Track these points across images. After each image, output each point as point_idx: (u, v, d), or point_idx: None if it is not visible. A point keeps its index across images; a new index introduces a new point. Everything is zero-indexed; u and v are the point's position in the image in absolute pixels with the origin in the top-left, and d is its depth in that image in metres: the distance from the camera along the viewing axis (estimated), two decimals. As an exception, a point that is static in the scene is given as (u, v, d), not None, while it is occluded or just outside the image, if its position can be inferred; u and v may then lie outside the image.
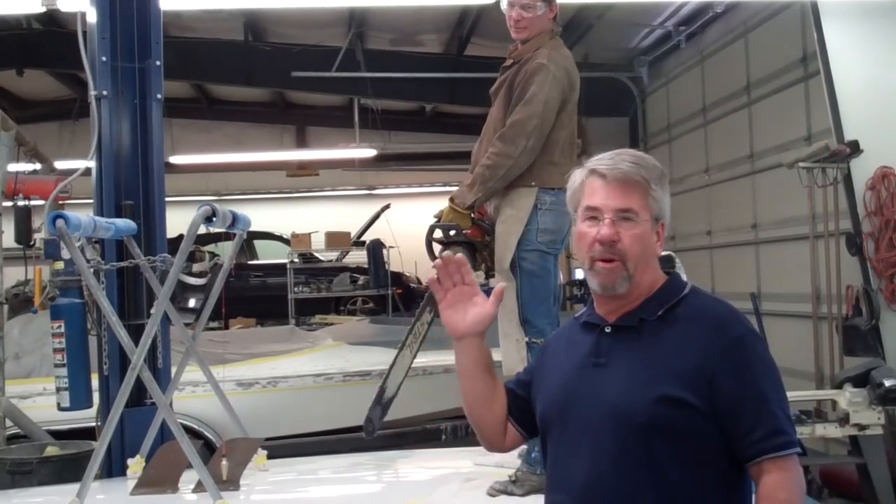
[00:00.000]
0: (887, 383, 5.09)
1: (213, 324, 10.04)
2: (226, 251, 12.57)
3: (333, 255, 14.15)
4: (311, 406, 6.15)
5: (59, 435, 5.00)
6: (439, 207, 3.85)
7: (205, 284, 11.09)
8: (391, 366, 4.06)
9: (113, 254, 4.23)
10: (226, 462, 3.60)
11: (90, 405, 4.23)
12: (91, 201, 4.38)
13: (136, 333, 3.76)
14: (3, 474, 4.26)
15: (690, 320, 1.94)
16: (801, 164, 6.46)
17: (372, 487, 4.34)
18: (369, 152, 13.12)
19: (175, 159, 12.51)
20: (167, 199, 4.48)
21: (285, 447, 5.07)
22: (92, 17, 4.38)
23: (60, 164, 8.45)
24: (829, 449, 6.47)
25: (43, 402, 5.21)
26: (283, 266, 13.08)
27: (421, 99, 13.19)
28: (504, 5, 3.76)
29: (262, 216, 12.41)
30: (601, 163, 2.00)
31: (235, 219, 3.73)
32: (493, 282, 3.76)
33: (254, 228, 4.51)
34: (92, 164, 4.37)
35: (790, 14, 7.55)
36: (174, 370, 4.15)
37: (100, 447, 3.45)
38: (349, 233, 13.71)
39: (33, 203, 6.79)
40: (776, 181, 7.67)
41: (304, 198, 17.24)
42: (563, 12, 3.82)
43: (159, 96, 4.43)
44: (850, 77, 6.48)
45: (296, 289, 12.86)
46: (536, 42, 3.71)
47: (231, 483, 3.54)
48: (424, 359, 5.76)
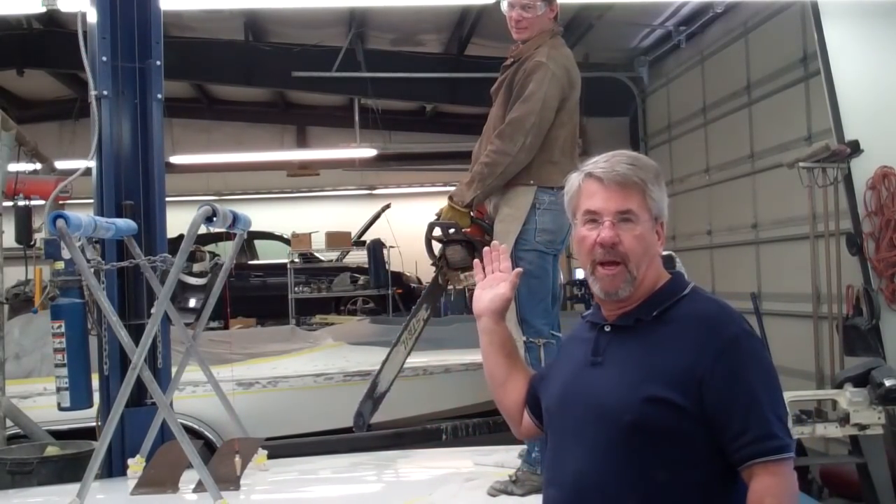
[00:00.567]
0: (888, 383, 5.09)
1: (214, 324, 10.05)
2: (226, 251, 12.58)
3: (334, 255, 14.16)
4: (312, 406, 6.15)
5: (60, 435, 5.01)
6: (439, 207, 3.85)
7: (205, 284, 11.10)
8: (384, 361, 4.06)
9: (113, 254, 4.24)
10: (227, 462, 3.61)
11: (90, 405, 4.24)
12: (91, 201, 4.39)
13: (137, 333, 3.77)
14: (4, 474, 4.27)
15: (685, 321, 1.94)
16: (802, 164, 6.45)
17: (372, 487, 4.35)
18: (370, 152, 13.12)
19: (175, 159, 12.51)
20: (167, 199, 4.49)
21: (286, 447, 5.07)
22: (92, 17, 4.38)
23: (61, 164, 8.45)
24: (830, 449, 6.47)
25: (43, 402, 5.22)
26: (284, 266, 13.10)
27: (421, 99, 13.18)
28: (504, 6, 3.77)
29: (263, 216, 12.42)
30: (597, 166, 2.00)
31: (236, 219, 3.73)
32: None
33: (254, 228, 4.52)
34: (92, 164, 4.38)
35: (790, 14, 7.54)
36: (174, 370, 4.15)
37: (100, 447, 3.45)
38: (349, 233, 13.72)
39: (34, 203, 6.79)
40: (776, 181, 7.67)
41: (305, 198, 17.24)
42: (564, 12, 3.82)
43: (160, 96, 4.43)
44: (851, 77, 6.48)
45: (296, 289, 12.87)
46: (537, 41, 3.71)
47: (231, 483, 3.54)
48: (424, 359, 5.79)
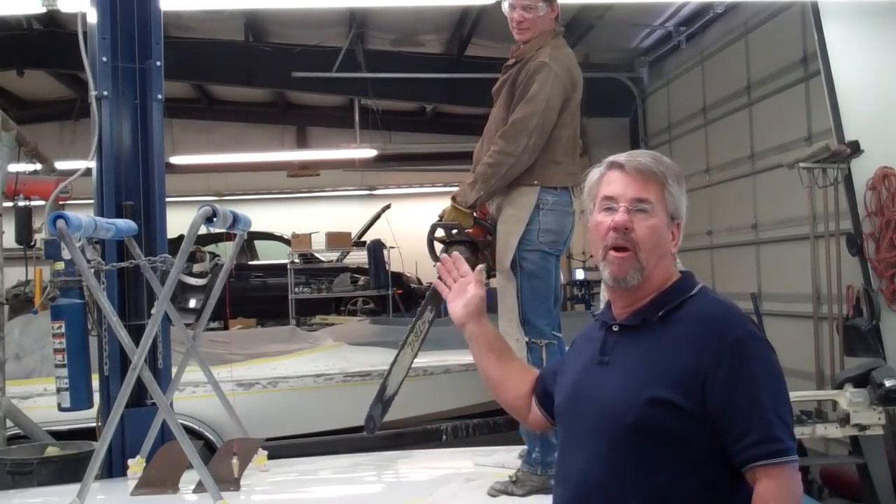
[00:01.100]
0: (888, 383, 5.09)
1: (214, 324, 10.04)
2: (226, 251, 12.58)
3: (334, 256, 14.16)
4: (312, 406, 6.15)
5: (60, 435, 5.01)
6: (440, 208, 3.85)
7: (205, 285, 11.09)
8: (392, 364, 4.06)
9: (113, 254, 4.24)
10: (227, 462, 3.61)
11: (90, 405, 4.23)
12: (91, 202, 4.39)
13: (137, 334, 3.76)
14: (4, 475, 4.27)
15: (691, 322, 1.93)
16: (802, 165, 6.45)
17: (372, 488, 4.34)
18: (370, 152, 13.13)
19: (175, 159, 12.52)
20: (168, 200, 4.48)
21: (286, 447, 5.07)
22: (92, 18, 4.38)
23: (61, 165, 8.45)
24: (830, 449, 6.47)
25: (43, 403, 5.22)
26: (284, 266, 13.10)
27: (421, 99, 13.19)
28: (506, 7, 3.76)
29: (263, 216, 12.42)
30: (619, 157, 2.04)
31: (236, 219, 3.73)
32: (494, 281, 3.76)
33: (254, 229, 4.51)
34: (92, 165, 4.38)
35: (790, 14, 7.55)
36: (174, 370, 4.15)
37: (100, 447, 3.45)
38: (350, 233, 13.72)
39: (34, 203, 6.80)
40: (777, 181, 7.67)
41: (305, 198, 17.25)
42: (564, 13, 3.82)
43: (160, 96, 4.43)
44: (851, 77, 6.48)
45: (296, 289, 12.86)
46: (539, 42, 3.71)
47: (232, 483, 3.54)
48: (425, 359, 5.77)
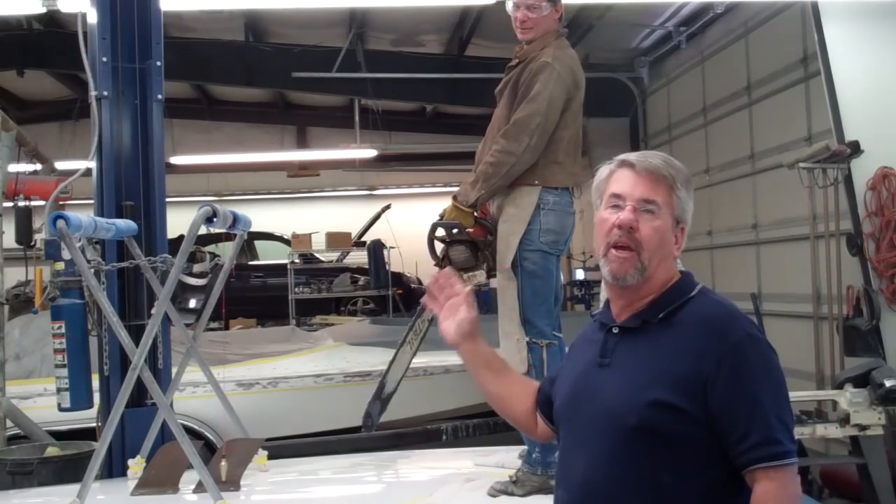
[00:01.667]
0: (888, 383, 5.09)
1: (214, 324, 10.04)
2: (226, 252, 12.58)
3: (334, 256, 14.17)
4: (312, 406, 6.15)
5: (60, 435, 5.00)
6: (440, 208, 3.85)
7: (205, 285, 11.09)
8: (391, 361, 4.06)
9: (113, 254, 4.24)
10: (225, 463, 3.60)
11: (91, 406, 4.23)
12: (92, 202, 4.38)
13: (137, 334, 3.76)
14: (4, 475, 4.26)
15: (691, 324, 1.93)
16: (802, 165, 6.45)
17: (372, 488, 4.34)
18: (370, 153, 13.13)
19: (175, 160, 12.53)
20: (168, 200, 4.48)
21: (286, 448, 5.07)
22: (92, 18, 4.38)
23: (61, 165, 8.45)
24: (830, 449, 6.47)
25: (43, 403, 5.21)
26: (284, 266, 13.11)
27: (421, 99, 13.19)
28: (509, 6, 3.76)
29: (263, 217, 12.43)
30: (631, 156, 2.04)
31: (236, 219, 3.73)
32: (495, 281, 3.77)
33: (254, 229, 4.51)
34: (92, 165, 4.38)
35: (790, 14, 7.55)
36: (175, 370, 4.15)
37: (100, 448, 3.45)
38: (350, 233, 13.72)
39: (34, 203, 6.79)
40: (777, 181, 7.67)
41: (305, 198, 17.25)
42: (564, 13, 3.81)
43: (160, 97, 4.43)
44: (851, 77, 6.48)
45: (296, 289, 12.87)
46: (542, 42, 3.71)
47: (231, 483, 3.54)
48: (425, 359, 5.78)
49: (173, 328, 4.35)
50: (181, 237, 3.65)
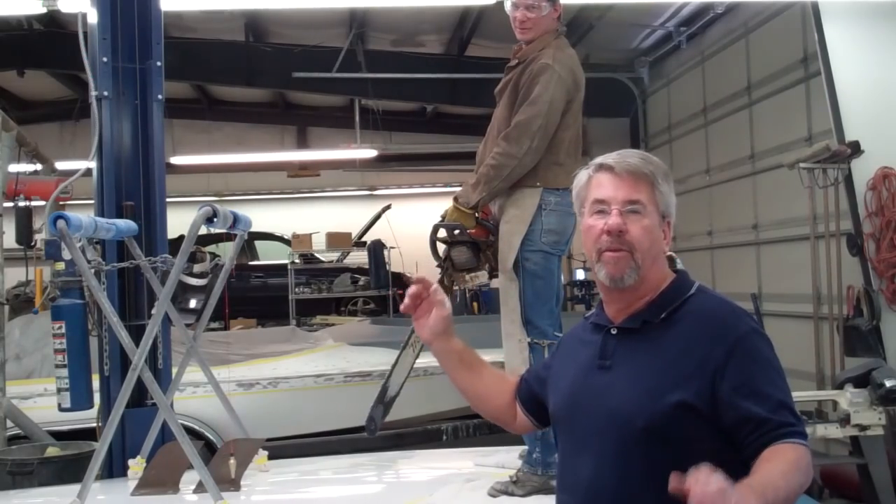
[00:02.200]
0: (888, 384, 5.09)
1: (214, 324, 10.04)
2: (227, 252, 12.58)
3: (334, 256, 14.16)
4: (312, 407, 6.15)
5: (60, 436, 5.01)
6: (440, 208, 3.85)
7: (206, 285, 11.08)
8: (394, 364, 4.05)
9: (114, 254, 4.24)
10: (227, 462, 3.60)
11: (91, 406, 4.23)
12: (92, 202, 4.39)
13: (137, 334, 3.76)
14: (4, 475, 4.26)
15: (693, 323, 1.93)
16: (802, 165, 6.45)
17: (373, 488, 4.34)
18: (370, 153, 13.13)
19: (176, 160, 12.53)
20: (168, 200, 4.48)
21: (286, 448, 5.07)
22: (93, 18, 4.38)
23: (61, 165, 8.46)
24: (830, 449, 6.47)
25: (44, 403, 5.21)
26: (284, 267, 13.11)
27: (422, 99, 13.18)
28: (508, 6, 3.76)
29: (263, 217, 12.42)
30: (608, 158, 2.02)
31: (236, 219, 3.72)
32: (497, 282, 3.77)
33: (255, 229, 4.51)
34: (93, 165, 4.38)
35: (791, 15, 7.54)
36: (175, 371, 4.15)
37: (101, 448, 3.44)
38: (350, 233, 13.72)
39: (34, 204, 6.81)
40: (777, 182, 7.67)
41: (305, 198, 17.24)
42: (565, 13, 3.81)
43: (160, 97, 4.43)
44: (851, 77, 6.48)
45: (297, 289, 12.87)
46: (541, 42, 3.70)
47: (232, 483, 3.54)
48: (425, 359, 5.76)
49: (173, 328, 4.34)
50: (181, 237, 3.65)
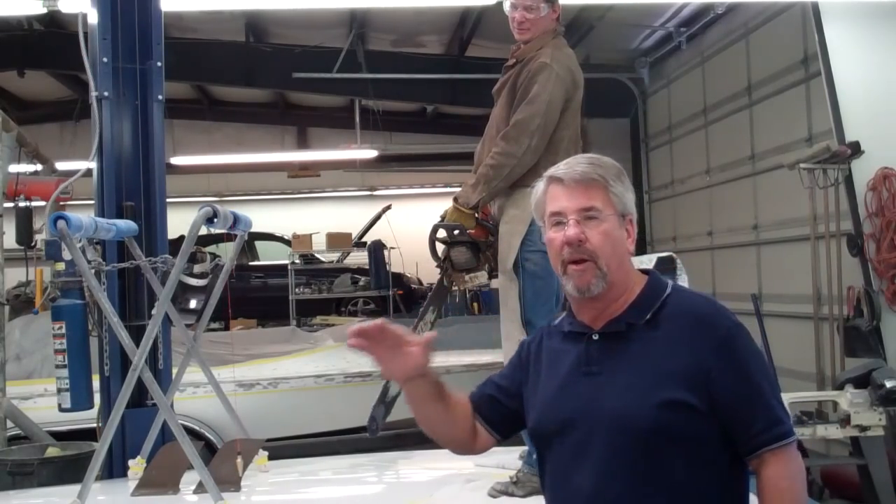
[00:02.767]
0: (888, 384, 5.09)
1: (215, 325, 10.04)
2: (227, 252, 12.58)
3: (334, 256, 14.17)
4: (312, 407, 6.15)
5: (60, 436, 5.01)
6: (440, 208, 3.85)
7: (206, 285, 11.09)
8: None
9: (114, 255, 4.24)
10: (228, 463, 3.60)
11: (91, 406, 4.23)
12: (92, 202, 4.39)
13: (138, 334, 3.76)
14: (4, 475, 4.27)
15: (678, 321, 1.95)
16: (803, 165, 6.46)
17: (373, 488, 4.34)
18: (370, 153, 13.14)
19: (176, 160, 12.53)
20: (168, 200, 4.48)
21: (286, 448, 5.07)
22: (93, 18, 4.38)
23: (61, 165, 8.47)
24: (831, 450, 6.47)
25: (44, 403, 5.22)
26: (285, 267, 13.10)
27: (422, 100, 13.19)
28: (507, 6, 3.76)
29: (264, 217, 12.42)
30: (558, 169, 2.03)
31: (236, 220, 3.72)
32: (496, 282, 3.76)
33: (255, 229, 4.51)
34: (93, 165, 4.38)
35: (791, 15, 7.54)
36: (175, 371, 4.15)
37: (101, 448, 3.44)
38: (350, 234, 13.72)
39: (34, 204, 6.80)
40: (777, 182, 7.67)
41: (306, 199, 17.25)
42: (565, 13, 3.81)
43: (160, 97, 4.43)
44: (851, 78, 6.48)
45: (297, 290, 12.87)
46: (539, 42, 3.70)
47: (232, 484, 3.54)
48: (425, 360, 5.78)
49: (174, 329, 4.34)
50: (182, 238, 3.65)
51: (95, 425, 4.43)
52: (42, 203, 6.41)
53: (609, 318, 1.99)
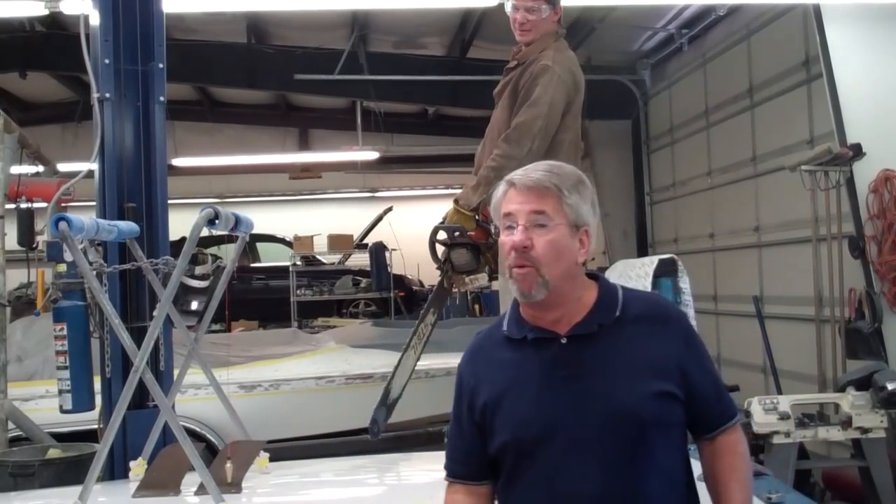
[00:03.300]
0: (890, 386, 5.09)
1: (216, 326, 10.05)
2: (228, 254, 12.58)
3: (336, 258, 14.16)
4: (314, 409, 6.14)
5: (62, 437, 5.01)
6: (442, 210, 3.86)
7: (207, 287, 11.11)
8: (396, 367, 4.05)
9: (115, 256, 4.23)
10: (229, 465, 3.60)
11: (92, 408, 4.23)
12: (94, 204, 4.38)
13: (139, 336, 3.76)
14: (6, 477, 4.27)
15: (644, 317, 2.03)
16: (804, 167, 6.45)
17: (374, 490, 4.34)
18: (372, 155, 13.14)
19: (178, 161, 12.53)
20: (170, 202, 4.48)
21: (287, 450, 5.06)
22: (95, 20, 4.38)
23: (63, 167, 8.48)
24: (832, 452, 6.46)
25: (45, 405, 5.22)
26: (286, 269, 13.11)
27: (423, 101, 13.19)
28: (508, 8, 3.76)
29: (265, 219, 12.41)
30: (515, 174, 2.04)
31: (238, 221, 3.72)
32: (497, 284, 3.77)
33: (256, 231, 4.51)
34: (95, 167, 4.38)
35: (792, 17, 7.54)
36: (176, 373, 4.15)
37: (102, 449, 3.44)
38: (352, 235, 13.72)
39: (36, 205, 6.80)
40: (779, 184, 7.66)
41: (307, 200, 17.25)
42: (566, 15, 3.82)
43: (162, 99, 4.42)
44: (853, 80, 6.48)
45: (298, 291, 12.86)
46: (541, 44, 3.71)
47: (233, 486, 3.54)
48: (427, 361, 5.78)
49: (175, 330, 4.34)
50: (183, 239, 3.65)
51: (97, 427, 4.43)
52: (44, 204, 6.41)
53: (574, 322, 2.01)
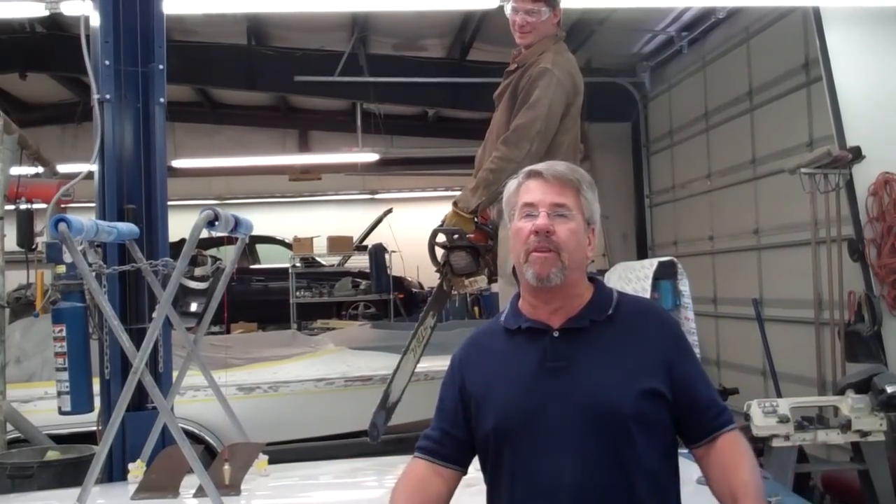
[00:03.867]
0: (889, 389, 5.08)
1: (215, 328, 10.05)
2: (228, 255, 12.57)
3: (335, 260, 14.17)
4: (313, 411, 6.14)
5: (60, 439, 5.00)
6: (441, 212, 3.86)
7: (207, 289, 11.09)
8: (395, 370, 4.05)
9: (115, 257, 4.23)
10: (228, 467, 3.60)
11: (91, 409, 4.23)
12: (93, 205, 4.39)
13: (138, 337, 3.76)
14: (4, 479, 4.26)
15: (636, 317, 2.09)
16: (803, 170, 6.45)
17: (373, 493, 4.32)
18: (372, 156, 13.14)
19: (177, 163, 12.54)
20: (169, 203, 4.48)
21: (286, 452, 5.06)
22: (95, 21, 4.39)
23: (63, 168, 8.47)
24: (831, 455, 6.45)
25: (44, 406, 5.22)
26: (286, 270, 13.12)
27: (423, 103, 13.20)
28: (508, 10, 3.77)
29: (265, 220, 12.43)
30: (538, 166, 2.14)
31: (238, 223, 3.72)
32: (496, 286, 3.77)
33: (256, 232, 4.51)
34: (94, 168, 4.38)
35: (792, 20, 7.54)
36: (175, 374, 4.14)
37: (101, 451, 3.44)
38: (351, 237, 13.73)
39: (35, 206, 6.80)
40: (778, 187, 7.66)
41: (307, 202, 17.25)
42: (566, 17, 3.82)
43: (162, 100, 4.43)
44: (853, 83, 6.48)
45: (298, 293, 12.87)
46: (540, 46, 3.71)
47: (232, 488, 3.53)
48: (426, 364, 5.77)
49: (174, 332, 4.34)
50: (183, 241, 3.64)
51: (95, 428, 4.43)
52: (43, 205, 6.40)
53: (568, 317, 2.08)
